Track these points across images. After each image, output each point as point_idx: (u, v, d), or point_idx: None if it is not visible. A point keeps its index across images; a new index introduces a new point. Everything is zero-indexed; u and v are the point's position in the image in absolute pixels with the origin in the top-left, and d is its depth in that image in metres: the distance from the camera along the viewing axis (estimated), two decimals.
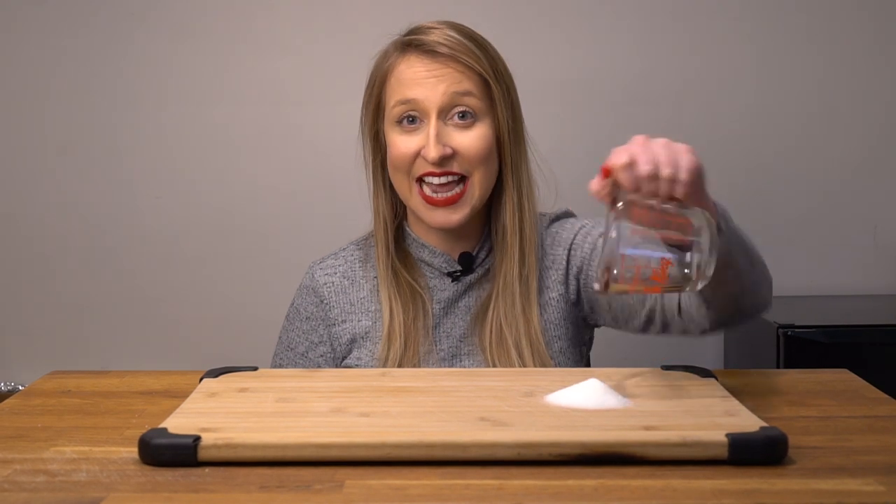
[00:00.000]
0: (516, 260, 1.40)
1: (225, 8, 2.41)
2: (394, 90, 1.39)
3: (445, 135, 1.36)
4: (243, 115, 2.43)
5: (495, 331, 1.39)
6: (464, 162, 1.37)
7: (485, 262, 1.45)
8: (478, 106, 1.37)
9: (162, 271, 2.42)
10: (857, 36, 2.43)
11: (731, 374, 1.25)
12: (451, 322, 1.43)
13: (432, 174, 1.36)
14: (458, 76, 1.37)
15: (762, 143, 2.45)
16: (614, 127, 2.44)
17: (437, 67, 1.37)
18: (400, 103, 1.38)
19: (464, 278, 1.44)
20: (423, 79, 1.36)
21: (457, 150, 1.36)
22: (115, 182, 2.44)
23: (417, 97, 1.36)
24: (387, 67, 1.41)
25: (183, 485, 0.87)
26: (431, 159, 1.35)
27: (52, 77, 2.42)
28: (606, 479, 0.88)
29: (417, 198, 1.38)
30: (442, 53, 1.37)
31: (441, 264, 1.44)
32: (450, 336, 1.42)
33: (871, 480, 0.88)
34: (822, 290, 2.46)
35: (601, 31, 2.41)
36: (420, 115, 1.37)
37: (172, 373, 1.27)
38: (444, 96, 1.36)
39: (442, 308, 1.43)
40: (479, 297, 1.43)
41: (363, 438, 0.92)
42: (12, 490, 0.86)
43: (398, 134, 1.38)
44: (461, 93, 1.36)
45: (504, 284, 1.40)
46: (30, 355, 2.45)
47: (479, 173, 1.38)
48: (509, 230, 1.41)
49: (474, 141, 1.37)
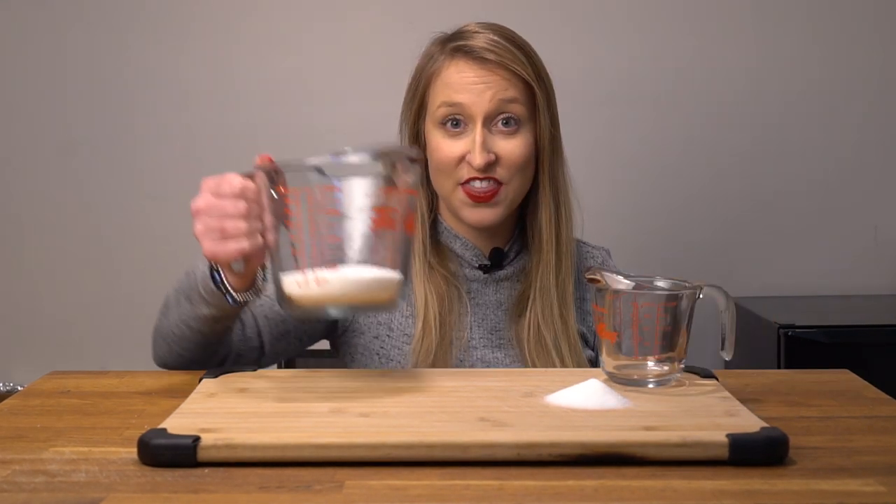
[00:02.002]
0: (552, 265, 1.43)
1: (226, 8, 2.41)
2: (440, 92, 1.40)
3: (490, 141, 1.38)
4: (244, 116, 2.42)
5: (533, 330, 1.41)
6: (505, 168, 1.39)
7: (515, 260, 1.47)
8: (522, 112, 1.39)
9: (162, 271, 2.40)
10: (858, 35, 2.43)
11: (732, 375, 1.25)
12: (482, 314, 1.45)
13: (475, 179, 1.38)
14: (504, 83, 1.38)
15: (762, 143, 2.45)
16: (614, 127, 2.44)
17: (484, 74, 1.38)
18: (446, 105, 1.39)
19: (494, 273, 1.46)
20: (470, 84, 1.38)
21: (500, 156, 1.38)
22: (114, 182, 2.44)
23: (464, 102, 1.38)
24: (433, 70, 1.42)
25: (182, 485, 0.87)
26: (477, 166, 1.37)
27: (53, 77, 2.42)
28: (606, 479, 0.88)
29: (460, 194, 1.40)
30: (490, 60, 1.38)
31: (471, 257, 1.46)
32: (482, 326, 1.44)
33: (872, 481, 0.88)
34: (822, 290, 2.46)
35: (599, 31, 2.41)
36: (465, 120, 1.39)
37: (172, 373, 1.27)
38: (490, 103, 1.37)
39: (473, 299, 1.45)
40: (511, 294, 1.46)
41: (363, 439, 0.92)
42: (11, 490, 0.86)
43: (442, 136, 1.40)
44: (507, 100, 1.38)
45: (541, 287, 1.42)
46: (29, 355, 2.45)
47: (516, 180, 1.40)
48: (545, 236, 1.44)
49: (517, 148, 1.39)
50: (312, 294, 1.04)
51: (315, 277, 1.03)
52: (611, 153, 2.44)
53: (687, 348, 1.12)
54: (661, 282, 1.14)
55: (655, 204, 2.46)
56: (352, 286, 1.04)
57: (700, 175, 2.45)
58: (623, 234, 2.41)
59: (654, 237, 2.46)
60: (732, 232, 2.45)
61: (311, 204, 1.03)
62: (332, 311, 1.09)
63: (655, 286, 1.13)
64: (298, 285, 1.04)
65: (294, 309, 1.07)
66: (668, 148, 2.45)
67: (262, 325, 1.37)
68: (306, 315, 1.10)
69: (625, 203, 2.45)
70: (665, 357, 1.11)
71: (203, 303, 1.22)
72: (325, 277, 1.03)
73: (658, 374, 1.11)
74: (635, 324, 1.09)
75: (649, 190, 2.46)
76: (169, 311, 1.28)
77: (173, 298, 1.27)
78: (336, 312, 1.09)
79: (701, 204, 2.44)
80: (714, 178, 2.45)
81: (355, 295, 1.05)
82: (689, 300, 1.11)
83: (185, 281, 1.25)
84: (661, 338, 1.10)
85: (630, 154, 2.45)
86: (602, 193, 2.41)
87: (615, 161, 2.44)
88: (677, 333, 1.10)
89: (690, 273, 1.39)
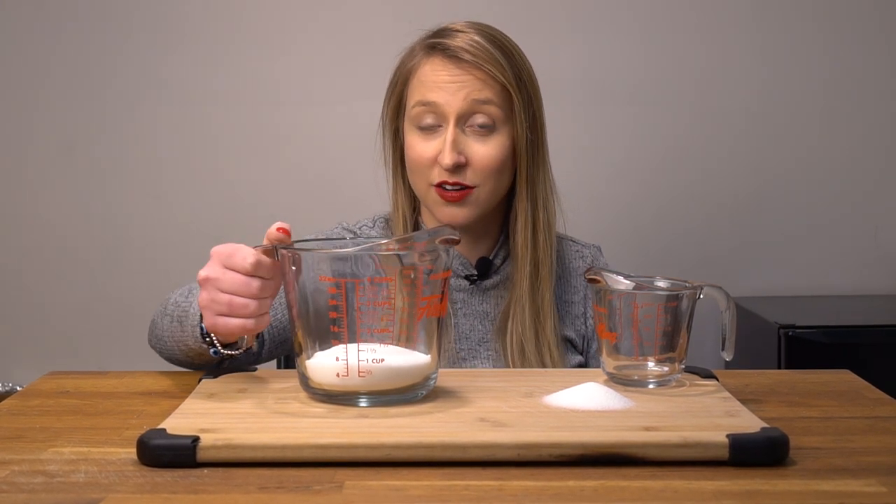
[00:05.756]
0: (527, 274, 1.40)
1: (226, 8, 2.41)
2: (415, 90, 1.39)
3: (462, 142, 1.37)
4: (244, 116, 2.42)
5: (516, 341, 1.39)
6: (475, 172, 1.37)
7: (500, 269, 1.45)
8: (497, 115, 1.37)
9: (162, 271, 2.41)
10: (859, 36, 2.43)
11: (732, 375, 1.25)
12: (469, 325, 1.43)
13: (445, 182, 1.37)
14: (479, 84, 1.37)
15: (763, 144, 2.45)
16: (613, 128, 2.44)
17: (459, 73, 1.37)
18: (420, 104, 1.38)
19: (481, 283, 1.44)
20: (444, 83, 1.37)
21: (470, 159, 1.37)
22: (114, 182, 2.44)
23: (438, 101, 1.36)
24: (411, 67, 1.41)
25: (182, 486, 0.87)
26: (446, 165, 1.35)
27: (53, 77, 2.42)
28: (607, 479, 0.88)
29: (433, 194, 1.38)
30: (465, 60, 1.37)
31: (458, 266, 1.44)
32: (468, 338, 1.42)
33: (872, 481, 0.88)
34: (823, 290, 2.46)
35: (601, 32, 2.41)
36: (439, 120, 1.37)
37: (171, 373, 1.27)
38: (463, 102, 1.36)
39: (459, 309, 1.43)
40: (497, 304, 1.44)
41: (362, 439, 0.92)
42: (10, 491, 0.86)
43: (416, 136, 1.39)
44: (481, 101, 1.36)
45: (518, 298, 1.40)
46: (28, 356, 2.45)
47: (489, 183, 1.38)
48: (520, 243, 1.41)
49: (489, 151, 1.37)
50: (352, 385, 1.02)
51: (358, 368, 1.01)
52: (612, 153, 2.44)
53: (687, 349, 1.12)
54: (662, 282, 1.14)
55: (655, 204, 2.45)
56: (394, 375, 1.02)
57: (700, 175, 2.44)
58: (623, 234, 2.41)
59: (654, 237, 2.46)
60: (733, 232, 2.45)
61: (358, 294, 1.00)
62: (362, 402, 1.03)
63: (655, 286, 1.13)
64: (338, 376, 1.02)
65: (322, 395, 1.04)
66: (669, 147, 2.44)
67: (264, 332, 1.35)
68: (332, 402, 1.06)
69: (625, 203, 2.45)
70: (665, 357, 1.11)
71: (191, 337, 1.19)
72: (370, 369, 1.01)
73: (658, 374, 1.11)
74: (635, 324, 1.09)
75: (649, 190, 2.45)
76: (164, 315, 1.26)
77: (171, 306, 1.24)
78: (367, 403, 1.03)
79: (701, 204, 2.44)
80: (714, 178, 2.45)
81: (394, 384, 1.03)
82: (689, 300, 1.11)
83: (183, 303, 1.22)
84: (662, 338, 1.10)
85: (631, 153, 2.45)
86: (602, 193, 2.41)
87: (616, 161, 2.44)
88: (677, 334, 1.10)
89: (691, 273, 1.39)
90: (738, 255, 2.46)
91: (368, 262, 1.01)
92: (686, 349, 1.12)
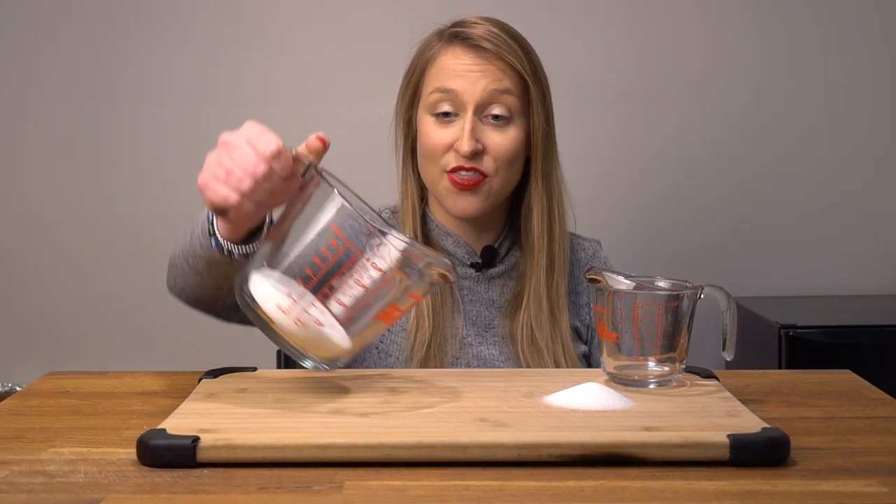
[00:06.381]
0: (545, 267, 1.42)
1: (226, 8, 2.41)
2: (433, 78, 1.40)
3: (479, 131, 1.38)
4: (245, 116, 2.40)
5: (526, 331, 1.40)
6: (491, 160, 1.38)
7: (506, 257, 1.46)
8: (514, 106, 1.39)
9: (162, 271, 2.41)
10: (859, 36, 2.43)
11: (733, 375, 1.25)
12: (475, 311, 1.44)
13: (461, 168, 1.37)
14: (499, 73, 1.38)
15: (764, 144, 2.45)
16: (613, 127, 2.44)
17: (480, 62, 1.38)
18: (438, 91, 1.38)
19: (486, 271, 1.45)
20: (465, 71, 1.37)
21: (487, 147, 1.38)
22: (113, 182, 2.44)
23: (457, 88, 1.37)
24: (429, 56, 1.42)
25: (182, 486, 0.87)
26: (464, 152, 1.36)
27: (53, 77, 2.42)
28: (607, 480, 0.88)
29: (445, 182, 1.39)
30: (486, 49, 1.38)
31: (463, 255, 1.45)
32: (475, 324, 1.43)
33: (873, 482, 0.88)
34: (824, 290, 2.46)
35: (601, 31, 2.41)
36: (456, 108, 1.38)
37: (171, 373, 1.27)
38: (483, 92, 1.37)
39: (465, 297, 1.44)
40: (503, 291, 1.45)
41: (363, 439, 0.92)
42: (10, 491, 0.86)
43: (432, 124, 1.39)
44: (500, 90, 1.37)
45: (534, 290, 1.41)
46: (27, 356, 2.45)
47: (502, 173, 1.39)
48: (537, 236, 1.42)
49: (506, 141, 1.38)
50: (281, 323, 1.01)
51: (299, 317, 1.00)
52: (613, 152, 2.44)
53: (688, 349, 1.12)
54: (662, 282, 1.14)
55: (655, 204, 2.45)
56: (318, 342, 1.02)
57: (700, 175, 2.44)
58: (623, 234, 2.41)
59: (654, 237, 2.46)
60: (733, 232, 2.45)
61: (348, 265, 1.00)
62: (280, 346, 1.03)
63: (656, 286, 1.13)
64: (278, 308, 1.01)
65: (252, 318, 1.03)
66: (669, 147, 2.44)
67: None
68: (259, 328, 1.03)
69: (625, 203, 2.45)
70: (666, 357, 1.11)
71: (198, 241, 1.19)
72: (306, 323, 1.00)
73: (659, 374, 1.11)
74: (636, 324, 1.09)
75: (649, 190, 2.45)
76: (180, 240, 1.26)
77: (188, 229, 1.25)
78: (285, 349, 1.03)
79: (701, 204, 2.44)
80: (715, 177, 2.44)
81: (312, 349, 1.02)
82: (689, 300, 1.11)
83: (197, 217, 1.23)
84: (662, 338, 1.10)
85: (631, 153, 2.45)
86: (603, 192, 2.41)
87: (616, 160, 2.44)
88: (678, 334, 1.10)
89: (691, 273, 1.39)
90: (739, 254, 2.46)
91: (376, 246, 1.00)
92: (687, 349, 1.12)
